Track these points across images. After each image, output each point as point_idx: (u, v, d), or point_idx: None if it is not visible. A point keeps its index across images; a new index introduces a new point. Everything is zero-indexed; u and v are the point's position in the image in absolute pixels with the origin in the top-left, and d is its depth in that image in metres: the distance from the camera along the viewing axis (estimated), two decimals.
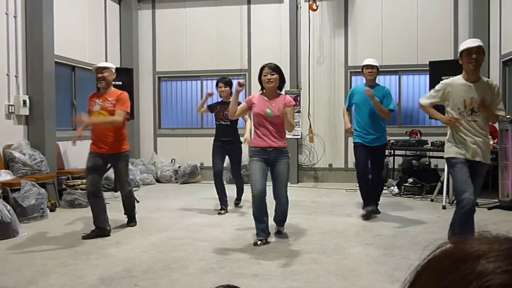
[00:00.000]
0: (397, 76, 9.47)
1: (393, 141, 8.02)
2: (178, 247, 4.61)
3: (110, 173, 8.11)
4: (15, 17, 6.81)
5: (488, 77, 8.51)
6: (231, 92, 6.37)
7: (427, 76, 7.78)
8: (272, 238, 4.88)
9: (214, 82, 10.27)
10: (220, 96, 6.60)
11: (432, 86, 6.32)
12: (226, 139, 6.38)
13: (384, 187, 8.31)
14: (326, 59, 9.65)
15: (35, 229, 5.41)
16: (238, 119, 6.07)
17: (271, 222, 4.90)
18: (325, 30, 9.64)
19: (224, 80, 6.57)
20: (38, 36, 6.97)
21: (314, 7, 9.16)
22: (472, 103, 4.07)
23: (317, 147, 9.65)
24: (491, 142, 6.80)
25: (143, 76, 10.30)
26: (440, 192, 6.85)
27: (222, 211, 6.32)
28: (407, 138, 8.06)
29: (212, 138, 6.54)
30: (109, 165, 5.41)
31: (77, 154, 8.33)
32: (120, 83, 7.81)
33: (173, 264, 4.05)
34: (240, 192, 6.75)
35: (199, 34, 10.08)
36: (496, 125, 7.09)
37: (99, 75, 5.15)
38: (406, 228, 5.35)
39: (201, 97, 10.14)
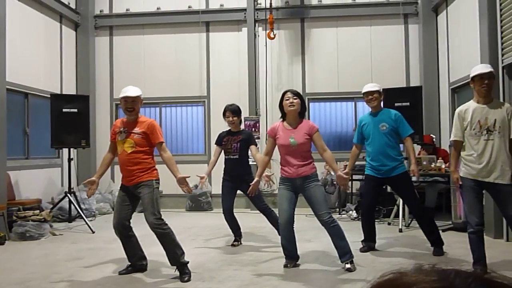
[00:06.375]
0: (353, 103, 9.75)
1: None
2: (134, 279, 4.47)
3: (64, 203, 7.86)
4: None
5: (439, 104, 8.97)
6: (240, 121, 6.05)
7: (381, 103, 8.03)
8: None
9: (173, 109, 10.35)
10: (229, 126, 5.97)
11: None
12: (236, 175, 5.82)
13: (344, 212, 8.46)
14: (284, 86, 9.78)
15: None
16: (247, 151, 5.86)
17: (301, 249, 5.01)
18: (283, 58, 9.84)
19: (231, 108, 5.86)
20: None
21: (272, 36, 9.34)
22: (487, 123, 4.22)
23: (275, 172, 9.66)
24: (443, 166, 7.06)
25: (100, 103, 10.11)
26: (397, 216, 7.00)
27: (236, 243, 5.94)
28: (364, 162, 8.22)
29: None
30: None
31: (28, 184, 8.02)
32: (75, 110, 7.66)
33: None
34: (276, 224, 5.59)
35: (158, 61, 10.06)
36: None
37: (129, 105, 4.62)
38: (364, 252, 5.43)
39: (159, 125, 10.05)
